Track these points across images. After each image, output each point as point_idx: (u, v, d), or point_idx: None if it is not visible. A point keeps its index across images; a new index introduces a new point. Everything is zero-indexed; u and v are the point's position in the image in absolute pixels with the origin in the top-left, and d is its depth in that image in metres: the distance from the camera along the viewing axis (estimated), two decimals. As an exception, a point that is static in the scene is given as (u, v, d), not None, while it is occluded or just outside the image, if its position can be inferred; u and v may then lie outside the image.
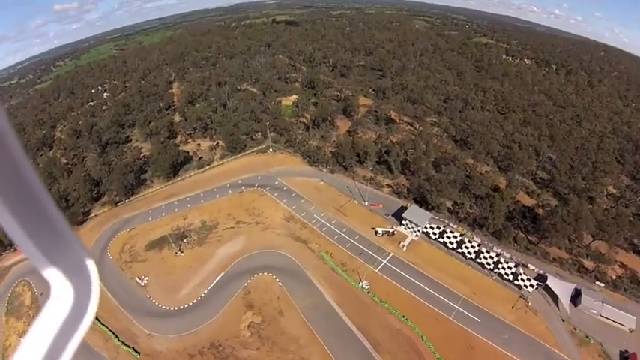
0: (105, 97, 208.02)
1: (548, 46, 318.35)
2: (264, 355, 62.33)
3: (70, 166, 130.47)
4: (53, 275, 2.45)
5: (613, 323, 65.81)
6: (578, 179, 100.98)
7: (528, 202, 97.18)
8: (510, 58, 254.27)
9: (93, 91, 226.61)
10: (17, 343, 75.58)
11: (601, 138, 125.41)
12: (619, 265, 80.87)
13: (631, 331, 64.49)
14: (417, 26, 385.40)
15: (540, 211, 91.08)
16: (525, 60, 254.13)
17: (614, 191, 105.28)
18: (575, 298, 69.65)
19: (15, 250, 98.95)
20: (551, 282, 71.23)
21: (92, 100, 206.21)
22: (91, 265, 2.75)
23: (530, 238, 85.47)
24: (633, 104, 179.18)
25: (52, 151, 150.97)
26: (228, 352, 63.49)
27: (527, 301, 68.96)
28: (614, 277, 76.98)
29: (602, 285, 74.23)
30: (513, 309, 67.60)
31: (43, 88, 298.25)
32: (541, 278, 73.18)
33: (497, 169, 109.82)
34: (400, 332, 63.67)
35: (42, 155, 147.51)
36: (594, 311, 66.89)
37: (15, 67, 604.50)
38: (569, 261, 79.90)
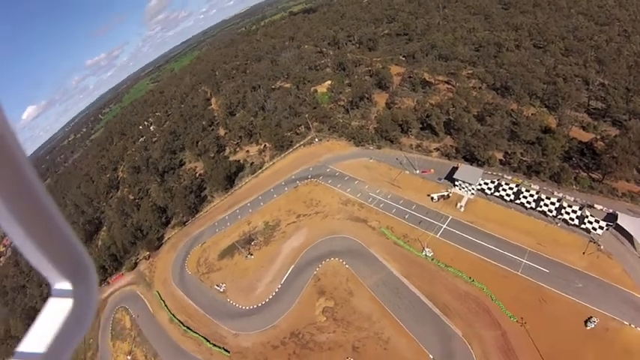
0: (152, 130, 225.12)
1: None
2: (341, 336, 66.64)
3: (137, 200, 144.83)
4: (53, 275, 2.52)
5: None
6: (638, 101, 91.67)
7: (585, 137, 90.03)
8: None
9: (140, 127, 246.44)
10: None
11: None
12: (699, 189, 72.04)
13: None
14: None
15: (600, 144, 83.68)
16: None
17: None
18: (653, 233, 63.74)
19: (108, 283, 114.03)
20: (623, 220, 65.79)
21: (142, 136, 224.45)
22: (90, 265, 2.78)
23: (593, 175, 79.66)
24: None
25: (119, 191, 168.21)
26: (308, 338, 68.85)
27: (599, 245, 64.87)
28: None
29: (683, 214, 66.91)
30: (584, 255, 64.06)
31: (97, 137, 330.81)
32: (611, 218, 67.83)
33: (545, 109, 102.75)
34: (468, 295, 64.27)
35: (112, 197, 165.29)
36: (676, 245, 60.95)
37: (69, 125, 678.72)
38: (640, 194, 73.12)
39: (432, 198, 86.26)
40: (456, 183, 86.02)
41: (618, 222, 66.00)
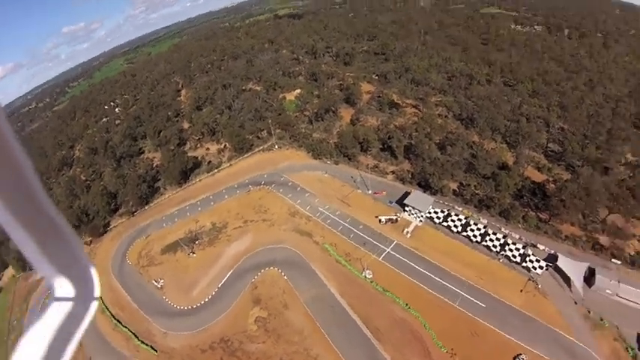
0: (117, 112, 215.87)
1: (559, 9, 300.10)
2: (270, 347, 64.47)
3: (88, 182, 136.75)
4: (53, 275, 2.46)
5: (631, 304, 61.06)
6: (592, 149, 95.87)
7: (539, 177, 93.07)
8: (519, 27, 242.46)
9: (106, 107, 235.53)
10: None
11: (617, 102, 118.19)
12: (638, 240, 74.36)
13: (651, 312, 60.08)
14: (421, 4, 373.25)
15: (551, 186, 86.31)
16: (535, 27, 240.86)
17: (633, 159, 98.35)
18: (589, 278, 65.26)
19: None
20: (563, 262, 67.24)
21: (106, 117, 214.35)
22: (90, 265, 2.77)
23: (540, 216, 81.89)
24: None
25: (72, 170, 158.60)
26: (237, 346, 66.35)
27: (537, 284, 65.91)
28: (632, 253, 71.00)
29: (619, 263, 68.80)
30: (522, 292, 64.81)
31: (59, 109, 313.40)
32: (552, 258, 69.37)
33: (505, 145, 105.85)
34: (403, 321, 63.52)
35: (63, 174, 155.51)
36: (610, 292, 62.39)
37: (32, 93, 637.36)
38: (582, 238, 74.82)
39: (380, 220, 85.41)
40: (406, 208, 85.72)
41: (558, 263, 67.34)
